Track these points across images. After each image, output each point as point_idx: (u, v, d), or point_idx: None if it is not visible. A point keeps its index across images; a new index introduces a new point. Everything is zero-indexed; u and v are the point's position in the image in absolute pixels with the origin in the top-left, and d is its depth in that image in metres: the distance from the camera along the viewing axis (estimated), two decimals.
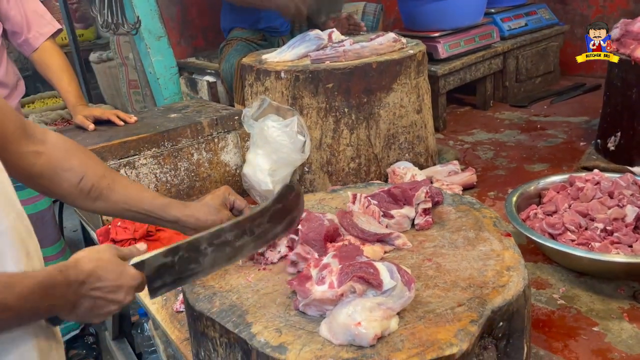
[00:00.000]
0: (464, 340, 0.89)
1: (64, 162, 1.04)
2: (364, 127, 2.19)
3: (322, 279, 0.97)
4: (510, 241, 1.19)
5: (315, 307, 0.97)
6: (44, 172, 1.02)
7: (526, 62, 3.59)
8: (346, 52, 2.19)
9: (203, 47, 3.93)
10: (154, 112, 2.47)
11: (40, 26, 2.35)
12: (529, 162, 2.64)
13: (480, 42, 3.27)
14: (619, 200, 1.72)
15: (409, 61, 2.21)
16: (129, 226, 1.91)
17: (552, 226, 1.69)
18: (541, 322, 1.51)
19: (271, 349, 0.91)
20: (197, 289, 1.12)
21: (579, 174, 1.92)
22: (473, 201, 1.40)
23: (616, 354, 1.36)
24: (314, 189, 2.23)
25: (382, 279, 0.92)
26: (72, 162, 1.04)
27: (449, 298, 1.01)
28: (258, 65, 2.29)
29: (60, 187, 1.04)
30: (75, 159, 1.05)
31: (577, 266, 1.67)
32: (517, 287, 1.02)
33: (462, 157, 2.75)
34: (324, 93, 2.14)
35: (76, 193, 1.04)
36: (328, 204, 1.44)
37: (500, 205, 2.13)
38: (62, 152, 1.04)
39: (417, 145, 2.32)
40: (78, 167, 1.05)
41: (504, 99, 3.56)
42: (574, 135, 2.92)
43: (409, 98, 2.24)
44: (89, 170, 1.05)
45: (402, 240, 1.20)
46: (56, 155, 1.03)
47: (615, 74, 2.27)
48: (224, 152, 2.27)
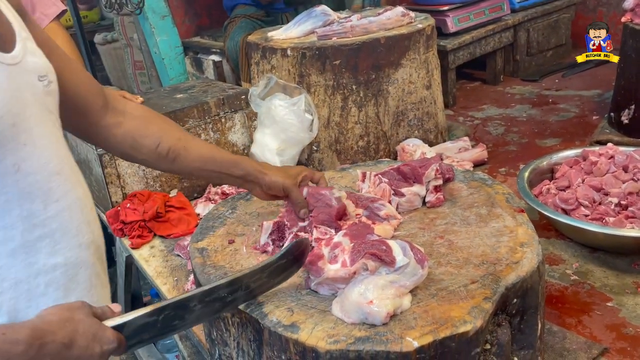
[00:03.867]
0: (477, 318, 0.88)
1: (143, 129, 1.10)
2: (372, 104, 2.16)
3: (334, 257, 0.96)
4: (524, 217, 1.17)
5: (328, 286, 0.96)
6: (124, 141, 1.09)
7: (537, 35, 3.51)
8: (353, 28, 2.14)
9: (208, 26, 3.89)
10: (160, 93, 2.45)
11: (45, 7, 2.32)
12: (540, 137, 2.60)
13: (490, 15, 3.21)
14: (633, 174, 1.69)
15: (418, 36, 2.17)
16: (138, 208, 1.91)
17: (565, 201, 1.66)
18: (554, 298, 1.49)
19: (283, 328, 0.90)
20: (208, 269, 1.11)
21: (592, 148, 1.89)
22: (485, 177, 1.37)
23: (631, 329, 1.35)
24: (323, 168, 2.21)
25: (394, 256, 0.91)
26: (150, 129, 1.11)
27: (462, 275, 0.99)
28: (264, 42, 2.25)
29: (140, 152, 1.10)
30: (153, 125, 1.12)
31: (591, 241, 1.65)
32: (531, 263, 1.01)
33: (473, 133, 2.72)
34: (331, 70, 2.11)
35: (155, 157, 1.11)
36: (337, 183, 1.42)
37: (512, 182, 2.10)
38: (140, 121, 1.11)
39: (426, 121, 2.29)
40: (156, 133, 1.11)
41: (515, 73, 3.50)
42: (587, 109, 2.87)
43: (418, 74, 2.20)
44: (165, 135, 1.11)
45: (386, 210, 1.17)
46: (135, 124, 1.10)
47: (630, 44, 2.22)
48: (232, 132, 2.25)
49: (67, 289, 0.88)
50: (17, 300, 0.83)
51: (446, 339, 0.85)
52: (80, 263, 0.90)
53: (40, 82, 0.87)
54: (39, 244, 0.84)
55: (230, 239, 1.22)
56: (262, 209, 1.33)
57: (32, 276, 0.84)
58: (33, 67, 0.86)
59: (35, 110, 0.85)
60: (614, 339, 1.33)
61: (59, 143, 0.90)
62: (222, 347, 1.08)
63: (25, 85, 0.84)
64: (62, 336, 0.75)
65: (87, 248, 0.92)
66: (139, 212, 1.90)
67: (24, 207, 0.82)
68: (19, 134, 0.81)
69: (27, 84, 0.84)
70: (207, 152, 1.14)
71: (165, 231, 1.89)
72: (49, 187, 0.85)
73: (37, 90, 0.86)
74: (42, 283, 0.85)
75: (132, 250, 1.85)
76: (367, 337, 0.86)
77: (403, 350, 0.83)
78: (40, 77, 0.87)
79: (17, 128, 0.81)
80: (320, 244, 1.01)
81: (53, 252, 0.86)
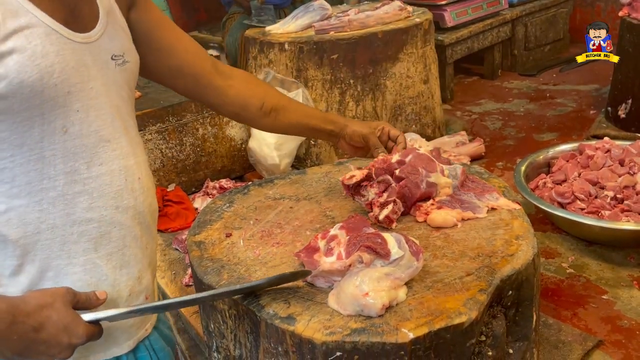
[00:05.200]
0: (472, 309, 0.88)
1: (249, 91, 1.23)
2: (369, 98, 2.16)
3: (330, 250, 0.96)
4: (520, 210, 1.18)
5: (324, 279, 0.97)
6: (234, 101, 1.22)
7: (535, 30, 3.51)
8: (351, 22, 2.14)
9: (206, 21, 3.88)
10: (158, 87, 2.45)
11: None
12: (538, 132, 2.61)
13: (488, 9, 3.20)
14: (629, 168, 1.70)
15: (416, 30, 2.17)
16: None
17: (561, 195, 1.67)
18: (550, 291, 1.50)
19: (280, 320, 0.91)
20: (205, 262, 1.12)
21: (589, 142, 1.89)
22: (481, 171, 1.38)
23: (626, 322, 1.36)
24: (320, 163, 2.22)
25: (389, 249, 0.92)
26: (255, 90, 1.24)
27: (458, 268, 1.00)
28: (261, 37, 2.25)
29: (248, 111, 1.23)
30: (257, 87, 1.25)
31: (586, 235, 1.65)
32: (526, 255, 1.01)
33: (470, 128, 2.72)
34: (328, 64, 2.11)
35: (260, 115, 1.23)
36: (334, 177, 1.43)
37: (509, 176, 2.11)
38: (246, 83, 1.24)
39: (424, 116, 2.29)
40: (260, 93, 1.24)
41: (513, 67, 3.50)
42: (584, 103, 2.87)
43: (415, 68, 2.21)
44: (268, 96, 1.24)
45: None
46: (243, 87, 1.22)
47: (627, 39, 2.22)
48: (229, 127, 2.25)
49: (97, 243, 0.95)
50: (52, 242, 0.92)
51: (441, 330, 0.86)
52: (114, 223, 0.97)
53: (113, 60, 0.97)
54: (78, 199, 0.92)
55: (227, 232, 1.22)
56: (259, 203, 1.33)
57: (68, 224, 0.92)
58: (108, 47, 0.96)
59: (99, 84, 0.94)
60: (608, 331, 1.34)
61: (119, 114, 0.98)
62: (220, 339, 1.09)
63: (94, 61, 0.93)
64: (34, 320, 0.82)
65: (125, 212, 0.98)
66: None
67: (67, 164, 0.91)
68: (72, 102, 0.90)
69: (97, 60, 0.94)
70: (302, 110, 1.29)
71: (163, 225, 1.90)
72: (94, 152, 0.94)
73: (109, 67, 0.96)
74: (75, 232, 0.93)
75: None
76: (363, 329, 0.87)
77: (398, 341, 0.84)
78: (114, 56, 0.97)
79: (73, 96, 0.90)
80: (316, 237, 1.01)
81: (89, 208, 0.94)
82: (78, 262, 0.94)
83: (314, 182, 1.36)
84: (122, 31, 1.02)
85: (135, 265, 1.02)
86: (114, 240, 0.98)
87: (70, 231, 0.93)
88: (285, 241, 1.15)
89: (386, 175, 1.17)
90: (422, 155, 1.19)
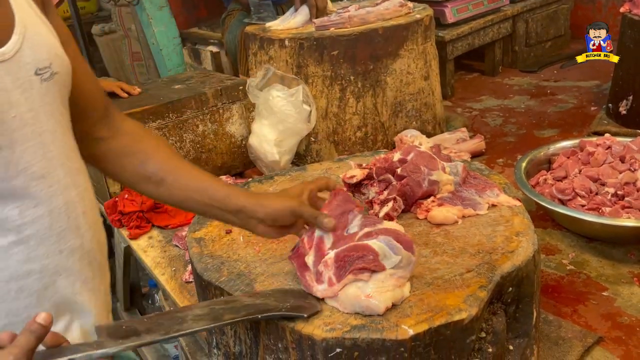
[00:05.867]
0: (473, 306, 0.88)
1: (129, 146, 1.01)
2: (370, 95, 2.15)
3: (319, 275, 0.92)
4: (520, 207, 1.18)
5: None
6: (107, 157, 1.01)
7: (536, 26, 3.50)
8: (351, 18, 2.14)
9: (206, 17, 3.87)
10: (158, 84, 2.44)
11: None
12: (538, 128, 2.60)
13: (488, 5, 3.19)
14: (630, 165, 1.69)
15: (416, 26, 2.16)
16: (137, 199, 1.91)
17: (562, 191, 1.67)
18: (550, 287, 1.50)
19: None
20: (205, 258, 1.12)
21: (589, 139, 1.89)
22: (482, 167, 1.38)
23: (626, 318, 1.36)
24: (320, 159, 2.21)
25: (383, 264, 0.88)
26: (137, 147, 1.01)
27: (458, 264, 1.00)
28: (261, 33, 2.25)
29: (124, 170, 1.01)
30: (142, 143, 1.01)
31: (587, 231, 1.65)
32: (526, 252, 1.01)
33: (471, 124, 2.71)
34: (329, 61, 2.11)
35: (138, 178, 1.00)
36: (334, 173, 1.42)
37: (509, 172, 2.11)
38: (129, 137, 1.02)
39: (424, 112, 2.29)
40: (142, 151, 1.00)
41: (513, 64, 3.49)
42: (585, 99, 2.86)
43: (416, 64, 2.20)
44: (153, 155, 1.00)
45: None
46: (123, 141, 1.01)
47: (628, 35, 2.21)
48: (229, 123, 2.25)
49: (41, 296, 0.83)
50: None
51: (441, 326, 0.86)
52: (60, 270, 0.84)
53: (37, 75, 0.80)
54: (12, 250, 0.80)
55: (227, 229, 1.22)
56: None
57: (3, 281, 0.80)
58: (30, 61, 0.79)
59: (23, 111, 0.78)
60: (609, 328, 1.34)
61: (54, 141, 0.83)
62: (220, 335, 1.09)
63: (14, 82, 0.77)
64: None
65: (70, 255, 0.85)
66: (137, 202, 1.90)
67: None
68: None
69: (18, 80, 0.78)
70: (197, 180, 0.98)
71: (163, 222, 1.89)
72: (26, 193, 0.79)
73: (33, 86, 0.80)
74: (13, 289, 0.80)
75: (130, 240, 1.86)
76: (363, 325, 0.87)
77: (398, 338, 0.84)
78: (38, 70, 0.80)
79: None
80: (303, 243, 0.97)
81: (27, 259, 0.81)
82: (18, 320, 0.80)
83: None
84: (46, 33, 0.83)
85: (90, 311, 0.89)
86: (60, 290, 0.85)
87: (6, 288, 0.80)
88: (285, 238, 1.15)
89: (387, 174, 1.17)
90: (424, 153, 1.18)
